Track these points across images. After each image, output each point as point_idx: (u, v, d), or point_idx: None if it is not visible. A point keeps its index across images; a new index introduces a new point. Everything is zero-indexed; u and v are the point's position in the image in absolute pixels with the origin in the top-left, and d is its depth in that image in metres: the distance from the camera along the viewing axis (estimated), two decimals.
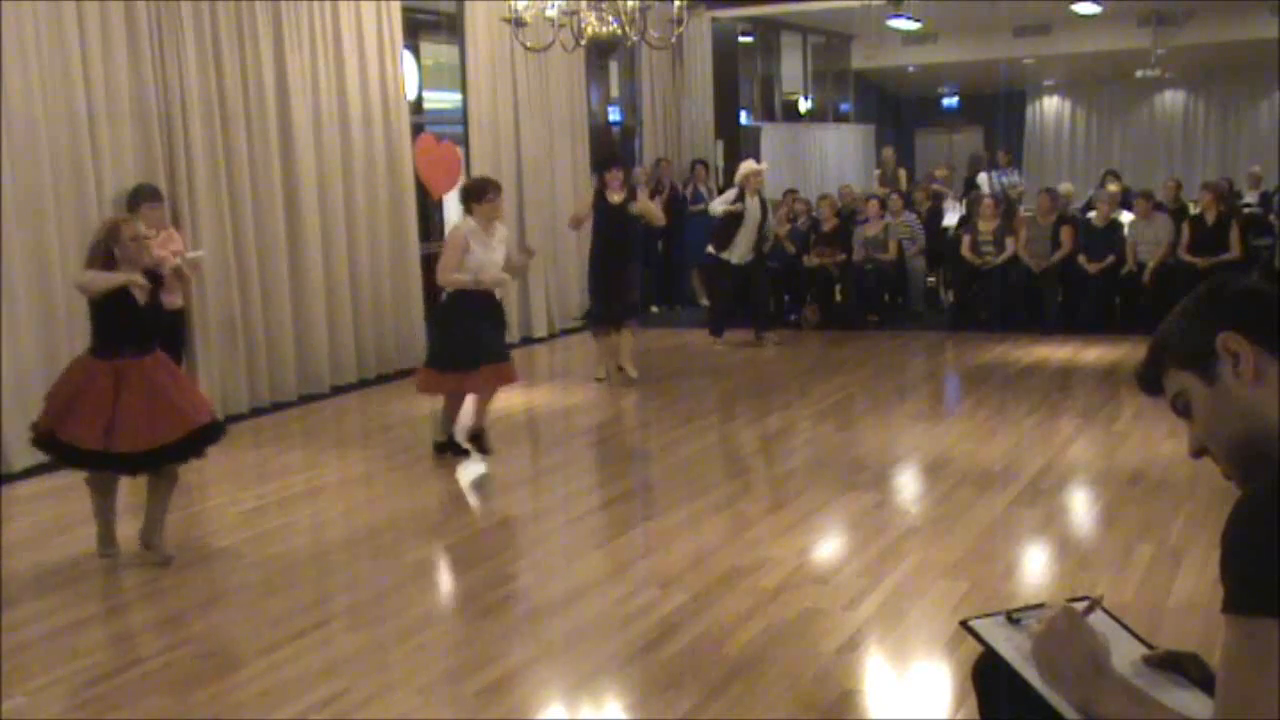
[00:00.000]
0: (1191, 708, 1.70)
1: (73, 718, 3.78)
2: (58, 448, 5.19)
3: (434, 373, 6.89)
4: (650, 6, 7.87)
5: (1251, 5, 16.04)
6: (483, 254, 6.80)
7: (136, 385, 5.09)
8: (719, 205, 10.64)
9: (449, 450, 7.00)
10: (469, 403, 6.99)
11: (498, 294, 7.01)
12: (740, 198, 10.48)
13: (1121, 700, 1.67)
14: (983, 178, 16.24)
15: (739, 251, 10.59)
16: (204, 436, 5.26)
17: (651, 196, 13.15)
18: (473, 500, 6.65)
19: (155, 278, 5.27)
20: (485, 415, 6.97)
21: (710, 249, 10.79)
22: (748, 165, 10.84)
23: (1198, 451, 1.72)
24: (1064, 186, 13.74)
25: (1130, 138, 21.40)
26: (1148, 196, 11.46)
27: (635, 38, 8.02)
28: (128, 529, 5.64)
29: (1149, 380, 1.76)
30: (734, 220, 10.49)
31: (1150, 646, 1.95)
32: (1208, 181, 12.16)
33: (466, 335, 6.74)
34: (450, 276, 6.77)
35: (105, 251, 5.12)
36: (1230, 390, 1.61)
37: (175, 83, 7.86)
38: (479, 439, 6.93)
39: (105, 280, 5.06)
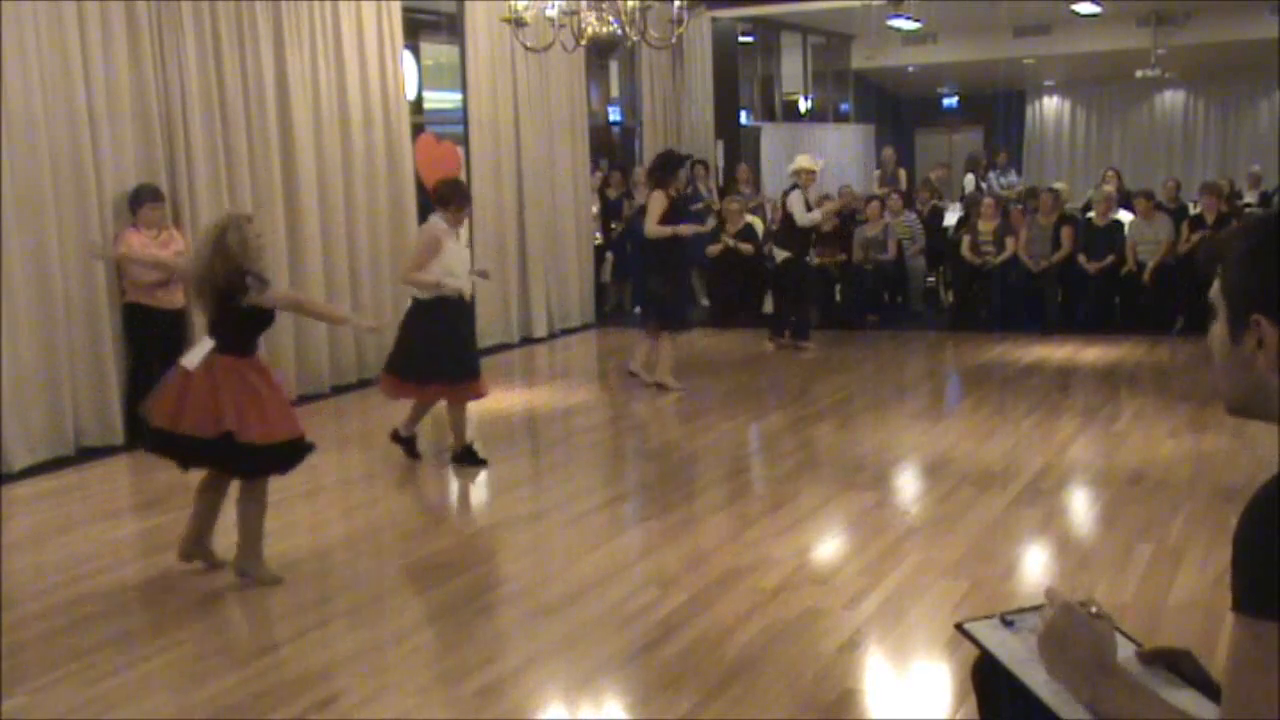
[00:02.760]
0: (1186, 705, 1.70)
1: (73, 718, 3.79)
2: (176, 443, 4.87)
3: (393, 378, 6.87)
4: (650, 6, 7.87)
5: (1251, 5, 16.04)
6: (451, 257, 6.65)
7: (251, 381, 4.91)
8: (808, 216, 10.29)
9: (404, 446, 6.97)
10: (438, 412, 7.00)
11: (467, 297, 6.82)
12: (806, 198, 10.29)
13: (1128, 698, 1.66)
14: (970, 179, 16.27)
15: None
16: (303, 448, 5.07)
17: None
18: (472, 500, 6.65)
19: (260, 279, 4.99)
20: (462, 432, 6.87)
21: (788, 254, 10.56)
22: (804, 160, 10.56)
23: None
24: (1058, 185, 13.76)
25: (1130, 138, 21.41)
26: (1148, 196, 11.46)
27: (635, 38, 8.01)
28: (124, 530, 5.65)
29: (1206, 264, 1.68)
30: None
31: (1139, 645, 1.95)
32: (1207, 182, 12.18)
33: (428, 348, 6.65)
34: (415, 276, 6.64)
35: (223, 248, 4.84)
36: (1247, 361, 1.58)
37: (175, 83, 7.86)
38: (467, 455, 6.85)
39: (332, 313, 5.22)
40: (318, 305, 5.04)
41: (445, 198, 6.76)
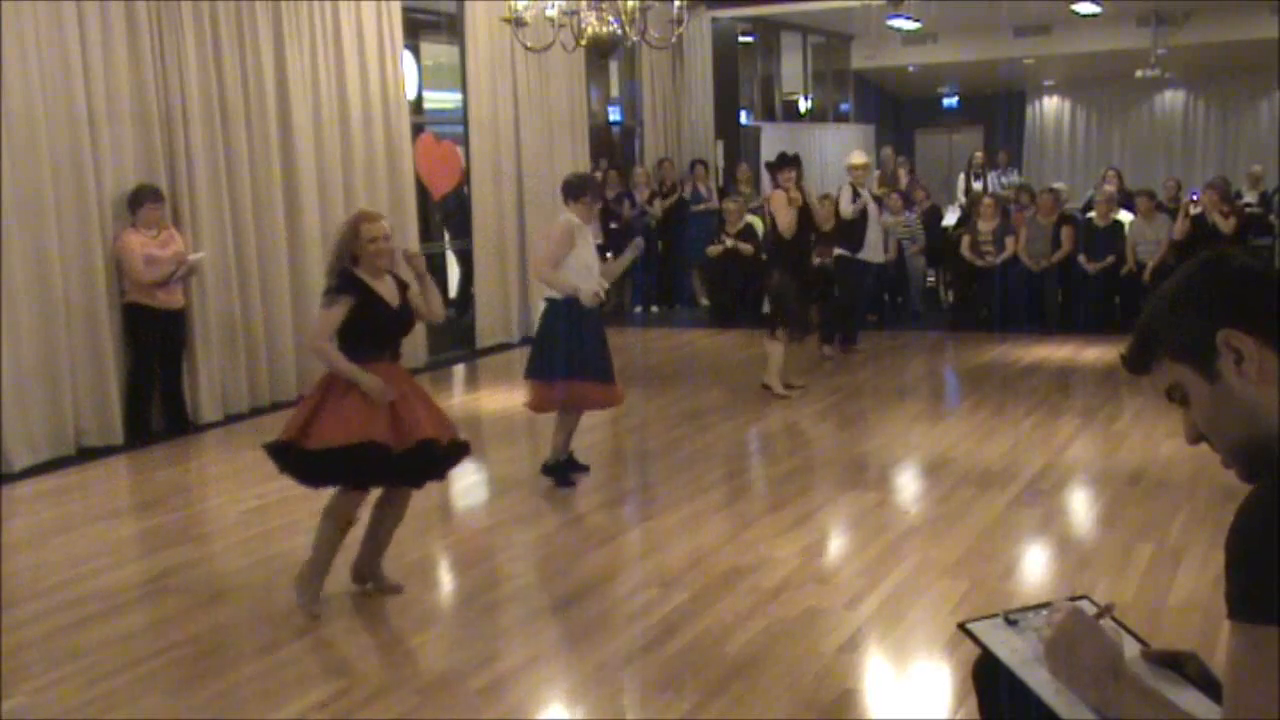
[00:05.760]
0: (1191, 706, 1.70)
1: (73, 718, 3.78)
2: (340, 462, 4.50)
3: (539, 385, 6.43)
4: (650, 6, 7.86)
5: (1251, 5, 16.03)
6: (586, 253, 6.30)
7: (399, 385, 4.68)
8: (849, 206, 10.09)
9: (559, 474, 6.47)
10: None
11: (587, 302, 6.30)
12: (856, 191, 10.14)
13: (1138, 702, 1.66)
14: (960, 179, 16.29)
15: (873, 250, 10.35)
16: (459, 450, 4.89)
17: (651, 198, 13.20)
18: (473, 500, 6.64)
19: (401, 284, 4.83)
20: (569, 439, 6.52)
21: (840, 250, 10.36)
22: (855, 157, 10.46)
23: (1195, 439, 1.66)
24: (1059, 185, 13.75)
25: (1130, 138, 21.39)
26: (1150, 196, 11.47)
27: (635, 38, 8.01)
28: (124, 530, 5.64)
29: (1137, 365, 1.69)
30: (863, 218, 10.20)
31: (1145, 644, 1.95)
32: (1212, 180, 12.18)
33: (568, 346, 6.26)
34: (551, 273, 6.22)
35: (349, 257, 4.66)
36: (1233, 390, 1.55)
37: (175, 83, 7.86)
38: (568, 467, 6.55)
39: (348, 371, 4.55)
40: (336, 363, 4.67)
41: (578, 190, 6.34)
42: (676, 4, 7.79)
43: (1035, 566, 5.13)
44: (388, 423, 4.54)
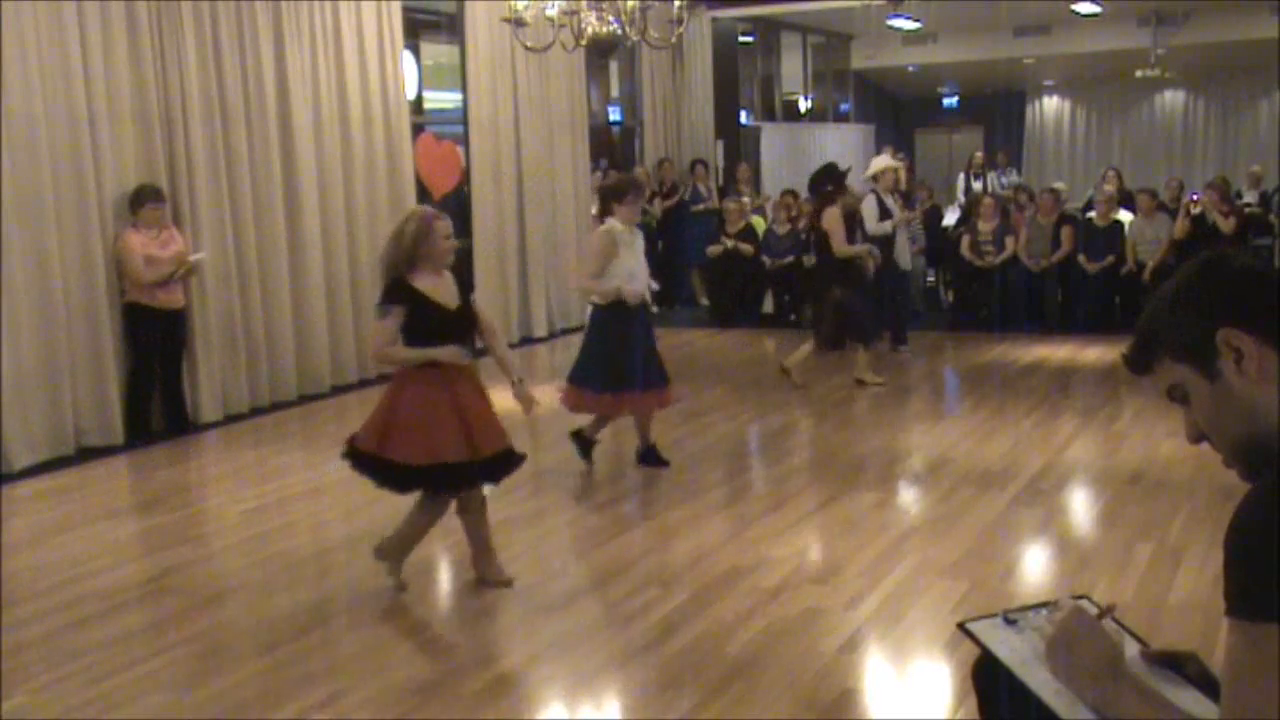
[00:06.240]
0: (1190, 707, 1.70)
1: (73, 718, 3.79)
2: (424, 473, 4.68)
3: (576, 390, 6.57)
4: (650, 6, 7.86)
5: (1251, 5, 16.04)
6: (631, 259, 6.34)
7: (471, 388, 4.78)
8: (880, 225, 9.70)
9: (582, 445, 6.74)
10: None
11: (630, 301, 6.37)
12: (882, 202, 9.79)
13: (1137, 701, 1.66)
14: (960, 179, 16.30)
15: (902, 255, 10.27)
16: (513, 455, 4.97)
17: (652, 198, 13.20)
18: None
19: (464, 283, 4.89)
20: (648, 433, 6.70)
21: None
22: (881, 162, 10.27)
23: (1197, 438, 1.67)
24: (1059, 185, 13.76)
25: (1130, 138, 21.40)
26: (1151, 195, 11.47)
27: (635, 38, 8.01)
28: (124, 530, 5.63)
29: (1139, 366, 1.70)
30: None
31: (1145, 644, 1.95)
32: (1212, 180, 12.19)
33: (614, 356, 6.37)
34: (591, 283, 6.35)
35: (410, 258, 4.64)
36: (1233, 389, 1.56)
37: (175, 83, 7.86)
38: (651, 456, 6.72)
39: (418, 356, 4.64)
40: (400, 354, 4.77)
41: (620, 191, 6.38)
42: (676, 4, 7.79)
43: (1035, 566, 5.13)
44: (456, 435, 4.63)
